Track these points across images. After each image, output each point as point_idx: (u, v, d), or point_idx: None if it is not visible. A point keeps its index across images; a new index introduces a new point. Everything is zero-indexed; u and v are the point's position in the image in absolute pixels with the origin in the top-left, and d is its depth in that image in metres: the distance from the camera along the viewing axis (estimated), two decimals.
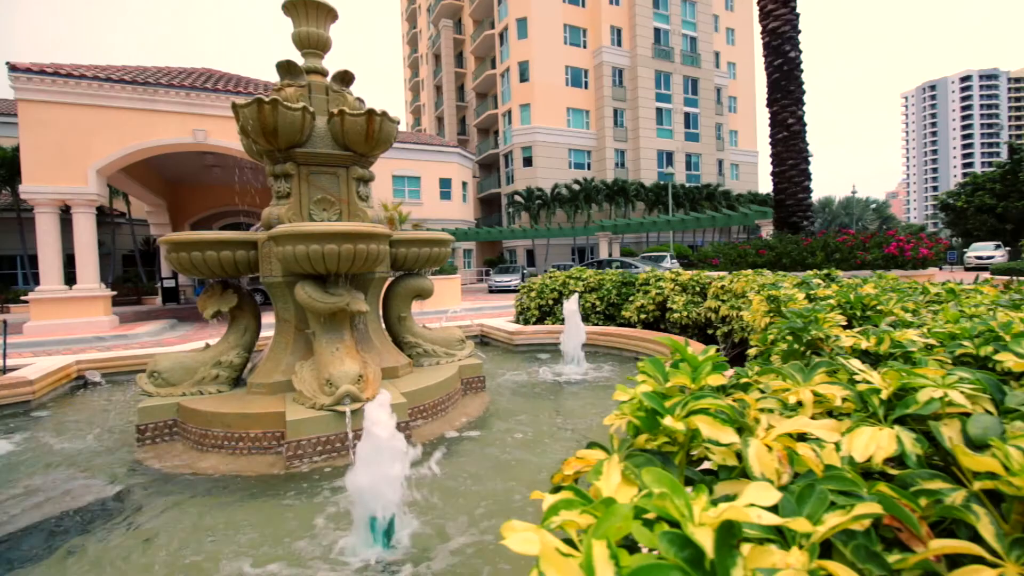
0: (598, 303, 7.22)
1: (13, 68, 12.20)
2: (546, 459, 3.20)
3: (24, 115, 12.22)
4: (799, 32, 10.37)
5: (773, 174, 10.48)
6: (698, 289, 6.30)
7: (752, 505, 0.49)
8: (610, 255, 32.36)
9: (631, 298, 6.89)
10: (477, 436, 3.69)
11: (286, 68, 4.33)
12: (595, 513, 0.50)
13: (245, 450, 3.45)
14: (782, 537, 0.60)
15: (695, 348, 3.81)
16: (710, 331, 5.87)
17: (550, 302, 7.77)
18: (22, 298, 14.98)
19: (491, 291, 25.18)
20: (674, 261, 26.82)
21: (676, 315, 6.04)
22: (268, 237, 3.86)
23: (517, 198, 37.59)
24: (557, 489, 0.65)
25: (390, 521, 2.24)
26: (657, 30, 42.56)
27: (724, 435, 0.64)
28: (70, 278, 13.04)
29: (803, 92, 10.20)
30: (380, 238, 3.83)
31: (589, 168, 41.73)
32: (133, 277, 25.34)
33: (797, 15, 10.51)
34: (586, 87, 41.69)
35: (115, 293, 13.83)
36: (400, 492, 2.28)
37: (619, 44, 41.75)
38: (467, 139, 51.18)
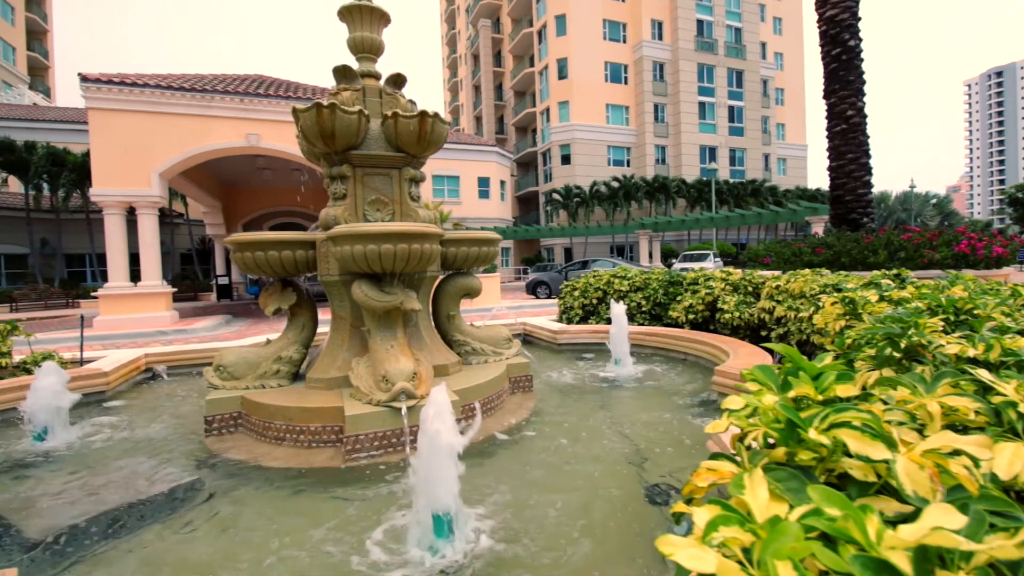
0: (644, 303, 7.09)
1: (84, 78, 13.03)
2: (602, 462, 3.16)
3: (94, 122, 13.04)
4: (859, 19, 9.87)
5: (830, 168, 10.00)
6: (750, 289, 6.10)
7: (939, 528, 0.46)
8: (651, 254, 31.81)
9: (679, 298, 6.74)
10: (529, 436, 3.69)
11: (342, 72, 4.44)
12: (758, 531, 0.48)
13: (306, 443, 3.57)
14: (940, 560, 0.57)
15: (749, 350, 3.67)
16: (763, 332, 5.68)
17: (594, 301, 7.70)
18: (92, 294, 16.00)
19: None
20: (717, 260, 26.11)
21: (727, 316, 5.87)
22: (326, 237, 3.97)
23: (555, 196, 37.48)
24: (688, 500, 0.63)
25: (452, 518, 2.25)
26: (700, 22, 41.50)
27: (875, 451, 0.60)
28: (134, 275, 13.84)
29: (863, 82, 9.68)
30: (433, 238, 3.88)
31: (628, 165, 41.15)
32: (190, 275, 26.72)
33: (856, 1, 10.00)
34: (626, 83, 41.10)
35: (175, 290, 14.59)
36: (457, 486, 2.29)
37: (660, 38, 40.95)
38: (505, 138, 51.35)
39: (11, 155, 21.18)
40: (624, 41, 40.92)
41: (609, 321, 7.38)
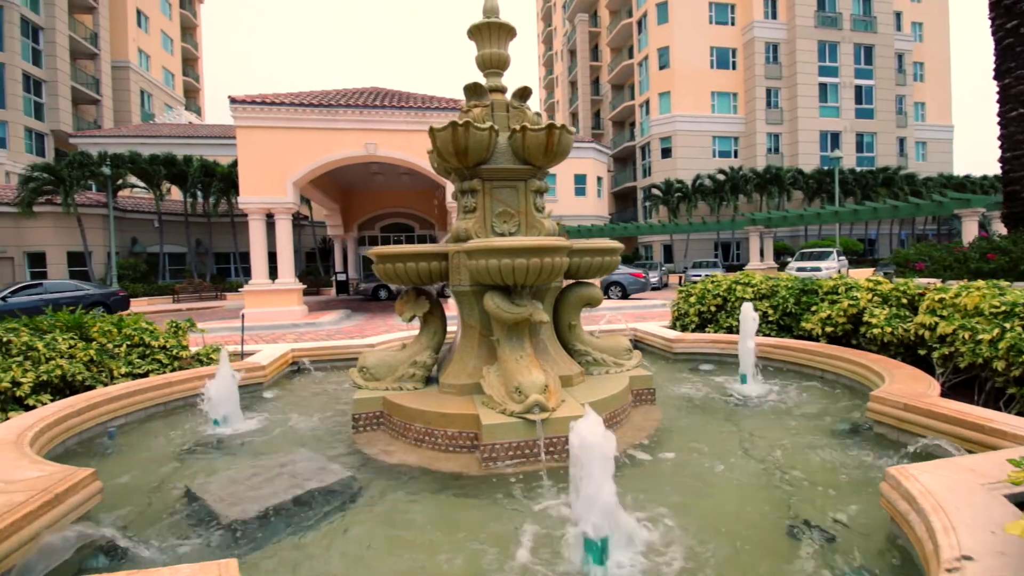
0: (771, 312, 6.60)
1: (233, 100, 14.80)
2: (747, 490, 2.99)
3: (241, 138, 14.78)
4: None
5: (1004, 160, 8.55)
6: (904, 301, 5.43)
7: None
8: (762, 252, 29.58)
9: (813, 308, 6.18)
10: (662, 456, 3.59)
11: (472, 90, 4.61)
12: None
13: (442, 447, 3.77)
14: None
15: (907, 372, 3.25)
16: (921, 351, 5.02)
17: (712, 309, 7.31)
18: (239, 289, 18.18)
19: None
20: (842, 258, 23.65)
21: (876, 330, 5.27)
22: (460, 250, 4.16)
23: (654, 191, 36.11)
24: None
25: (607, 542, 2.25)
26: None
27: None
28: (270, 273, 15.53)
29: None
30: (562, 251, 3.90)
31: (736, 156, 38.51)
32: (313, 271, 29.46)
33: None
34: (734, 68, 38.47)
35: (305, 286, 16.16)
36: (614, 511, 2.28)
37: (774, 16, 37.78)
38: (601, 133, 50.48)
39: (173, 168, 24.74)
40: (732, 23, 38.27)
41: (730, 330, 6.98)
